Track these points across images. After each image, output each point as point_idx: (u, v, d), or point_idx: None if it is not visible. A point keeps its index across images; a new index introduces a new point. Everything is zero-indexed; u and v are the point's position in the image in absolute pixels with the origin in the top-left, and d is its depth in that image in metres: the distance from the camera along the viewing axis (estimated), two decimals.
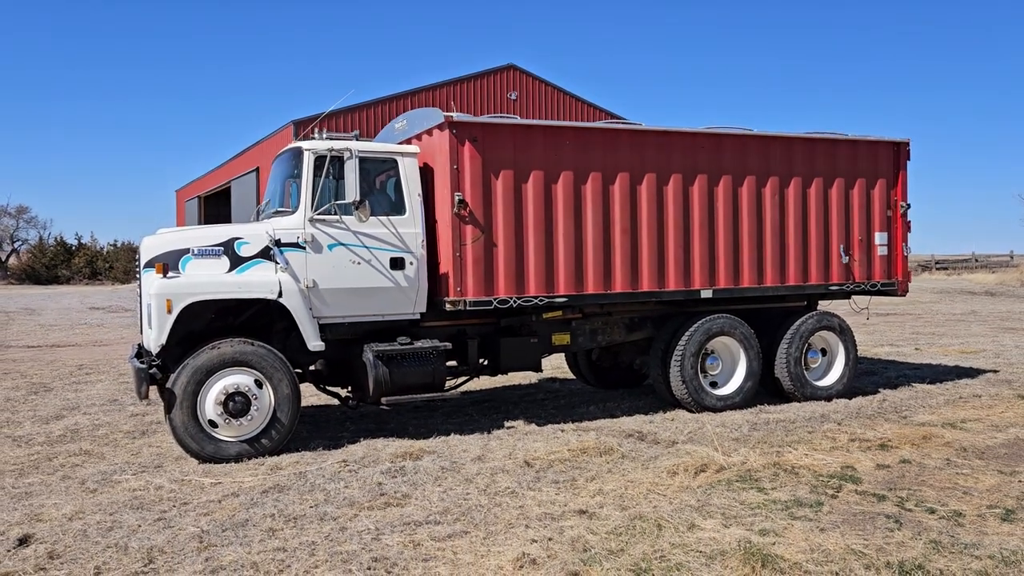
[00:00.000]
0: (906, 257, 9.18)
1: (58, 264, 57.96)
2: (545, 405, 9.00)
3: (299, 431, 7.23)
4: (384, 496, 5.43)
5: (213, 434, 6.43)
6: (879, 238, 9.00)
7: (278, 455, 6.56)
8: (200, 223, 39.88)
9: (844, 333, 8.91)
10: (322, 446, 6.90)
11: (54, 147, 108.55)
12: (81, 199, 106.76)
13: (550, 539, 4.57)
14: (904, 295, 9.28)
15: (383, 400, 6.93)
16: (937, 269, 47.51)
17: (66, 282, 54.96)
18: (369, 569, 4.18)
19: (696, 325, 8.09)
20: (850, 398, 8.88)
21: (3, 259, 62.26)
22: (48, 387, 10.51)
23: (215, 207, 40.30)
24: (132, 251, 58.16)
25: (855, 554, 4.28)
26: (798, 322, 8.62)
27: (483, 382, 10.26)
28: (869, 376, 10.61)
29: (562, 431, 7.42)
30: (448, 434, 7.32)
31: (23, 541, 4.59)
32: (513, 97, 33.71)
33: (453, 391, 7.56)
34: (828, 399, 8.72)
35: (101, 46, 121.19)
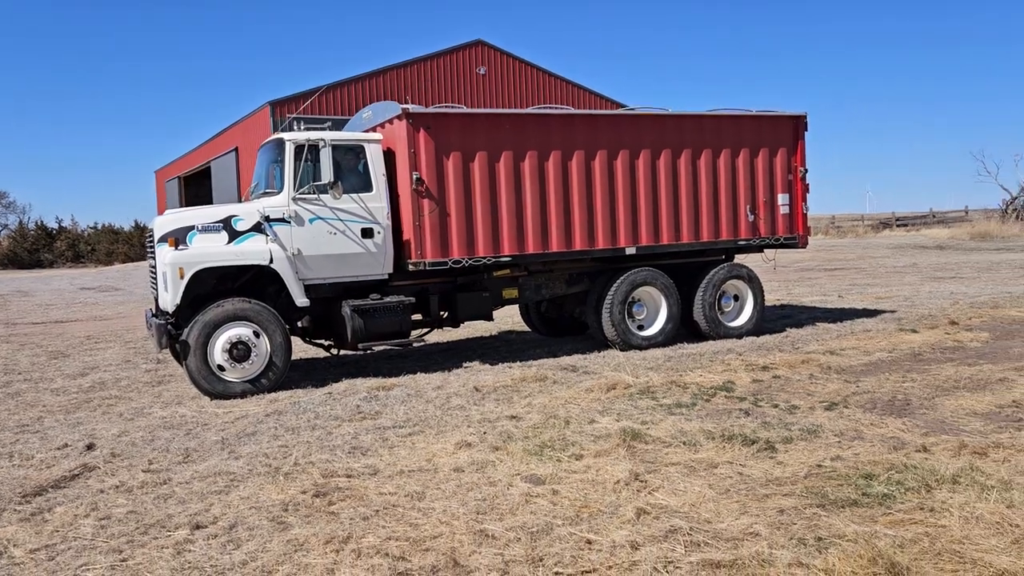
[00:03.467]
0: (806, 215, 10.73)
1: (40, 248, 58.35)
2: (500, 350, 10.54)
3: (292, 377, 8.69)
4: (361, 413, 6.96)
5: (221, 376, 7.90)
6: (781, 199, 10.53)
7: (275, 392, 8.05)
8: (181, 203, 40.78)
9: (752, 281, 10.48)
10: (311, 385, 8.40)
11: (30, 131, 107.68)
12: (59, 183, 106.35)
13: (484, 432, 6.11)
14: (805, 247, 10.86)
15: (359, 346, 8.43)
16: (897, 226, 49.49)
17: (49, 266, 55.46)
18: (349, 453, 5.71)
19: (622, 278, 9.61)
20: (759, 335, 10.48)
21: None
22: (65, 354, 11.87)
23: (195, 187, 41.14)
24: (115, 232, 58.75)
25: (703, 432, 5.84)
26: (711, 272, 10.18)
27: (449, 335, 11.78)
28: (785, 319, 12.23)
29: (509, 367, 8.95)
30: (415, 373, 8.83)
31: (90, 447, 6.08)
32: (482, 72, 34.76)
33: (418, 339, 9.06)
34: (739, 337, 10.32)
35: (74, 29, 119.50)
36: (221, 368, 7.89)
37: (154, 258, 8.32)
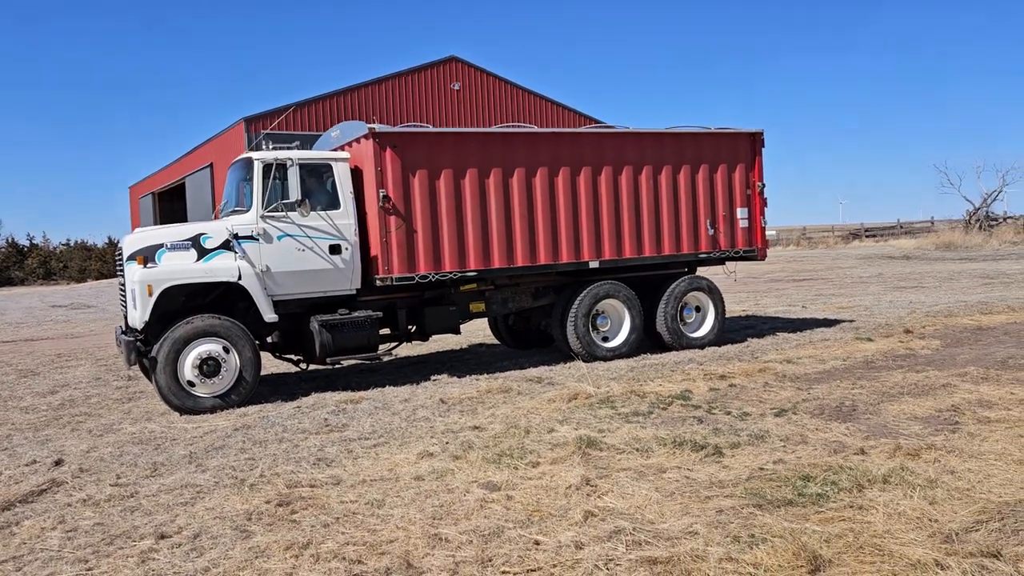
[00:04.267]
0: (764, 228, 11.09)
1: (10, 266, 57.48)
2: (469, 363, 10.74)
3: (261, 392, 8.82)
4: (329, 426, 7.12)
5: (191, 392, 8.01)
6: (740, 213, 10.88)
7: (245, 406, 8.18)
8: (155, 219, 40.57)
9: (713, 293, 10.80)
10: (280, 399, 8.53)
11: (0, 147, 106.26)
12: (31, 199, 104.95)
13: (447, 442, 6.31)
14: (763, 259, 11.21)
15: (328, 360, 8.59)
16: (867, 236, 50.54)
17: (20, 283, 54.66)
18: (314, 465, 5.87)
19: (586, 291, 9.88)
20: (721, 346, 10.78)
21: None
22: (35, 372, 11.87)
23: (169, 203, 40.99)
24: (87, 249, 58.13)
25: (656, 439, 6.08)
26: (673, 285, 10.48)
27: (420, 349, 11.96)
28: (747, 329, 12.57)
29: (476, 380, 9.16)
30: (384, 386, 9.00)
31: (58, 463, 6.18)
32: (456, 87, 35.15)
33: (387, 353, 9.24)
34: (702, 347, 10.61)
35: (48, 42, 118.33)
36: (191, 384, 8.01)
37: (123, 276, 8.43)
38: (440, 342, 12.42)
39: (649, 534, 4.24)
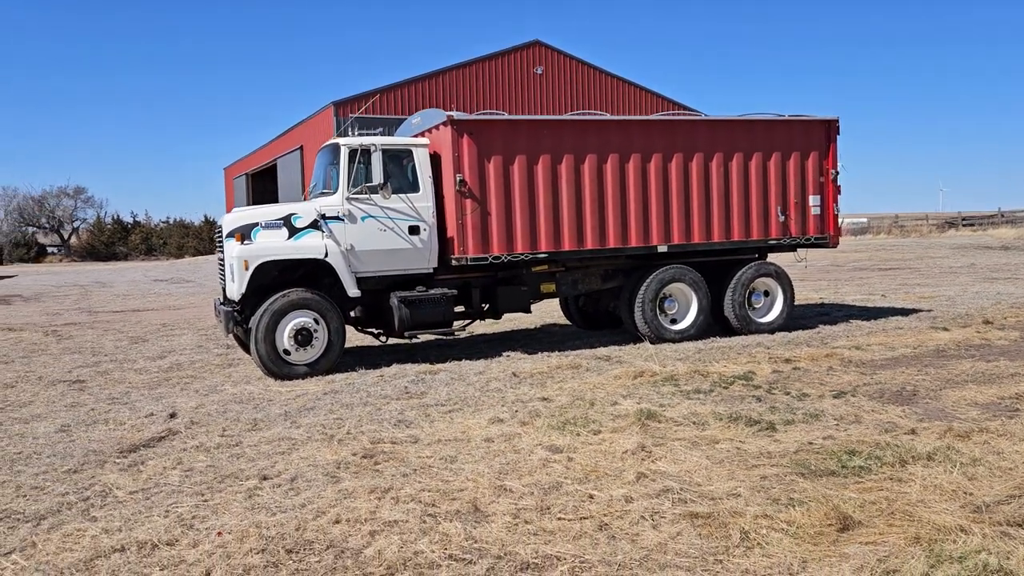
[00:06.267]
0: (837, 215, 11.07)
1: (116, 241, 61.68)
2: (541, 341, 11.22)
3: (348, 362, 9.55)
4: (408, 393, 7.75)
5: (287, 359, 8.80)
6: (812, 200, 10.89)
7: (332, 374, 8.92)
8: (248, 199, 42.69)
9: (781, 278, 10.88)
10: (365, 368, 9.24)
11: (108, 130, 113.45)
12: (135, 179, 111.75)
13: (516, 410, 6.82)
14: (835, 247, 11.19)
15: (405, 334, 9.23)
16: (963, 225, 48.08)
17: (124, 258, 58.67)
18: (395, 425, 6.49)
19: (653, 275, 10.17)
20: (791, 331, 10.88)
21: (66, 238, 66.39)
22: (144, 339, 13.08)
23: (262, 183, 42.96)
24: (185, 227, 61.60)
25: (714, 414, 6.41)
26: (741, 270, 10.63)
27: (495, 327, 12.51)
28: (822, 316, 12.55)
29: (548, 356, 9.62)
30: (460, 360, 9.58)
31: (172, 416, 7.06)
32: (539, 72, 35.34)
33: (460, 329, 9.81)
34: (771, 332, 10.74)
35: (151, 32, 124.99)
36: (287, 352, 8.79)
37: (222, 252, 9.29)
38: (515, 321, 12.95)
39: (695, 494, 4.62)
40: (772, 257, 11.27)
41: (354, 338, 11.29)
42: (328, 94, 67.17)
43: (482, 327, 12.09)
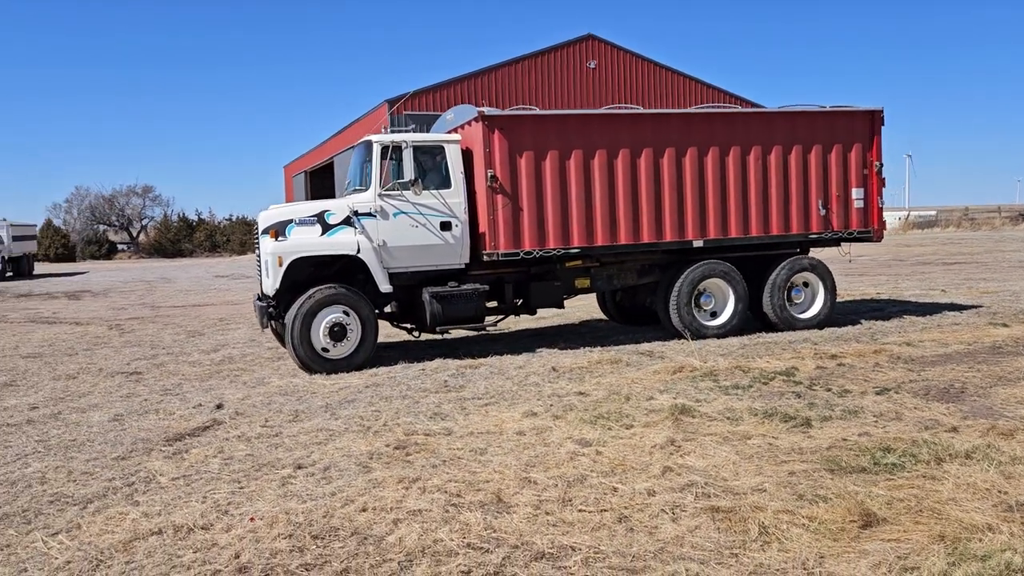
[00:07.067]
0: (881, 208, 10.75)
1: (181, 239, 63.56)
2: (584, 336, 11.19)
3: (391, 356, 9.67)
4: (447, 387, 7.88)
5: (327, 357, 8.99)
6: (855, 193, 10.60)
7: (374, 367, 9.08)
8: (307, 196, 43.54)
9: (822, 273, 10.61)
10: (408, 362, 9.36)
11: (175, 130, 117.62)
12: (200, 177, 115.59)
13: (551, 404, 6.86)
14: (879, 241, 10.88)
15: (437, 329, 9.34)
16: None
17: (189, 255, 60.59)
18: (430, 418, 6.62)
19: (687, 271, 10.06)
20: (841, 327, 10.59)
21: (135, 235, 68.78)
22: (200, 332, 13.54)
23: (320, 180, 43.58)
24: (248, 224, 63.21)
25: (749, 410, 6.33)
26: (780, 265, 10.42)
27: (537, 322, 12.53)
28: (875, 312, 12.17)
29: (589, 351, 9.59)
30: (502, 354, 9.62)
31: (219, 407, 7.36)
32: (592, 66, 35.01)
33: (492, 324, 9.85)
34: (812, 328, 10.49)
35: (216, 34, 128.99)
36: (325, 350, 8.98)
37: (259, 248, 9.56)
38: (558, 316, 12.93)
39: (719, 488, 4.60)
40: (818, 253, 11.02)
41: (399, 334, 11.47)
42: (382, 91, 68.10)
43: (525, 322, 12.13)
